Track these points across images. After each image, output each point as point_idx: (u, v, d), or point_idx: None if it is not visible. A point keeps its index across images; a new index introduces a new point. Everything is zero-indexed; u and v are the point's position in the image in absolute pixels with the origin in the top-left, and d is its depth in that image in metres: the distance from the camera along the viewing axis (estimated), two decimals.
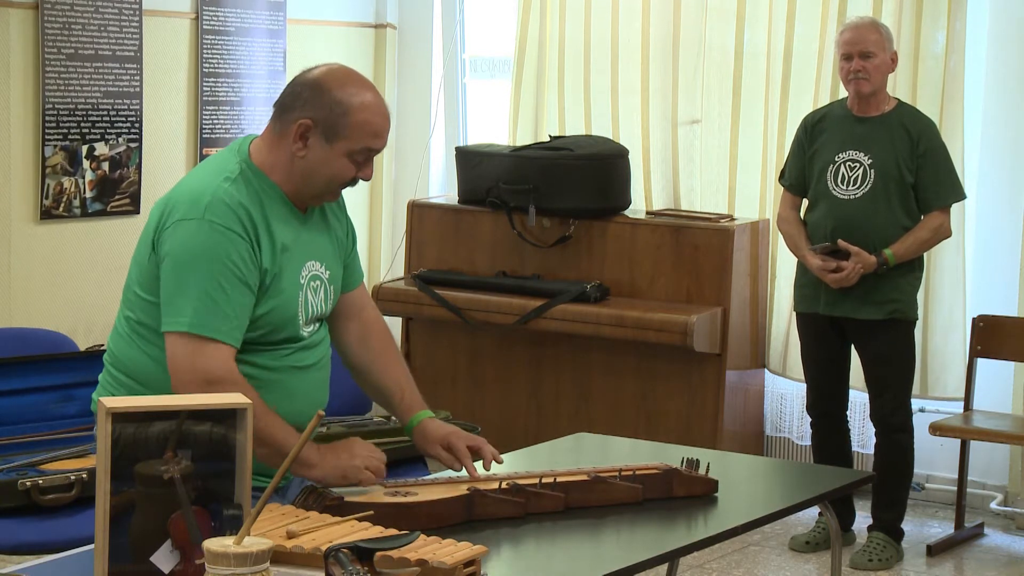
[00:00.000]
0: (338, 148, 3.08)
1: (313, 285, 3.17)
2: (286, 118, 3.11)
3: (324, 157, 3.08)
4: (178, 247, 2.99)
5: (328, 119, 3.06)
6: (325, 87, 3.08)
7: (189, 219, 3.00)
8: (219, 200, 3.01)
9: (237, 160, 3.12)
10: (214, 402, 2.59)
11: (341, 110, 3.06)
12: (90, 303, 6.01)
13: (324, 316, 3.24)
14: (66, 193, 5.89)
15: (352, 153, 3.09)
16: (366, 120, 3.08)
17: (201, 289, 2.96)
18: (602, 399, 6.39)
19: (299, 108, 3.09)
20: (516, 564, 2.93)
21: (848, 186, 5.41)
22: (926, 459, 6.08)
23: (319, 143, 3.08)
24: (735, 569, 5.48)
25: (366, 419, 5.05)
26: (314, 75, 3.12)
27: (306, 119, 3.07)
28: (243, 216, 3.02)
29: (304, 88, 3.10)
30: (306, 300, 3.15)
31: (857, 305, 5.41)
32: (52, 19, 5.77)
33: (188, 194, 3.05)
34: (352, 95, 3.07)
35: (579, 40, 6.80)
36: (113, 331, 3.18)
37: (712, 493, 3.35)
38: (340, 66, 3.17)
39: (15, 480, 4.21)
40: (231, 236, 2.99)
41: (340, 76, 3.11)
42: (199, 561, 2.45)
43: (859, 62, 5.35)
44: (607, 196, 6.40)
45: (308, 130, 3.08)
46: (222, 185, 3.04)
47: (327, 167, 3.09)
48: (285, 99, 3.14)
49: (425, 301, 6.56)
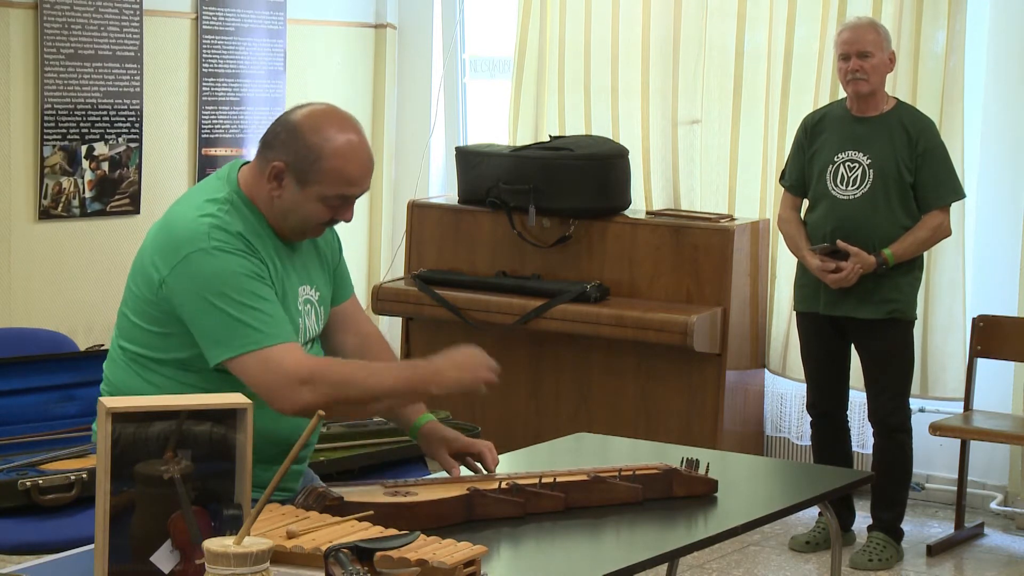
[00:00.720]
0: (310, 193, 3.05)
1: (306, 309, 3.17)
2: (264, 156, 3.09)
3: (297, 200, 3.06)
4: (198, 283, 2.96)
5: (301, 163, 3.03)
6: (300, 131, 3.04)
7: (196, 251, 2.97)
8: (217, 227, 3.00)
9: (227, 190, 3.09)
10: (214, 402, 2.59)
11: (314, 155, 3.02)
12: (90, 303, 6.01)
13: (316, 337, 3.25)
14: (65, 193, 5.89)
15: (325, 198, 3.06)
16: (339, 168, 3.04)
17: (243, 307, 2.95)
18: (602, 399, 6.39)
19: (276, 148, 3.06)
20: (516, 564, 2.93)
21: (847, 186, 5.41)
22: (926, 459, 6.08)
23: (292, 186, 3.05)
24: (735, 569, 5.48)
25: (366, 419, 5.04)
26: (295, 117, 3.08)
27: (279, 161, 3.04)
28: (243, 242, 3.02)
29: (283, 129, 3.07)
30: (304, 326, 3.16)
31: (857, 305, 5.42)
32: (52, 19, 5.77)
33: (184, 228, 3.01)
34: (326, 140, 3.03)
35: (579, 40, 6.80)
36: (109, 360, 3.16)
37: (712, 493, 3.35)
38: (325, 108, 3.11)
39: (15, 480, 4.21)
40: (242, 254, 3.00)
41: (318, 119, 3.06)
42: (199, 561, 2.45)
43: (856, 62, 5.35)
44: (607, 196, 6.40)
45: (281, 172, 3.05)
46: (216, 214, 3.02)
47: (299, 210, 3.07)
48: (268, 137, 3.10)
49: (425, 301, 6.56)
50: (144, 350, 3.07)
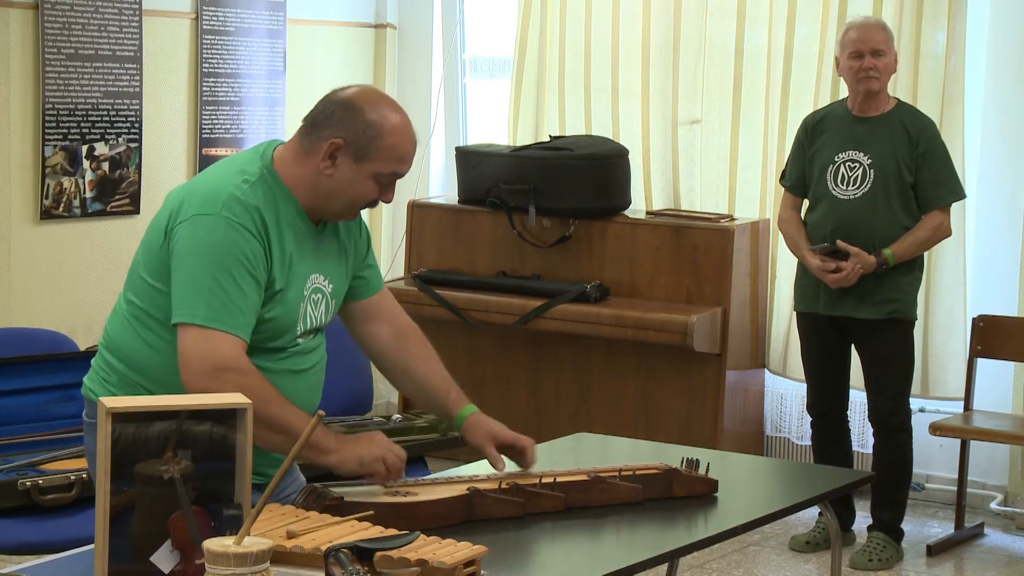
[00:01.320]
0: (366, 169, 3.08)
1: (315, 298, 3.17)
2: (316, 135, 3.09)
3: (350, 177, 3.08)
4: (193, 241, 2.99)
5: (359, 140, 3.06)
6: (359, 107, 3.07)
7: (205, 214, 3.00)
8: (236, 199, 3.01)
9: (259, 164, 3.11)
10: (214, 402, 2.59)
11: (374, 132, 3.06)
12: (90, 303, 6.01)
13: (322, 328, 3.25)
14: (66, 193, 5.89)
15: (379, 175, 3.09)
16: (397, 143, 3.08)
17: (215, 283, 2.97)
18: (602, 399, 6.39)
19: (331, 126, 3.08)
20: (516, 564, 2.92)
21: (848, 186, 5.41)
22: (926, 459, 6.08)
23: (347, 163, 3.07)
24: (735, 569, 5.48)
25: (366, 419, 5.05)
26: (348, 94, 3.11)
27: (338, 138, 3.06)
28: (257, 218, 3.02)
29: (337, 107, 3.09)
30: (306, 312, 3.15)
31: (857, 305, 5.41)
32: (52, 19, 5.77)
33: (206, 190, 3.05)
34: (385, 117, 3.08)
35: (579, 40, 6.80)
36: (112, 314, 3.18)
37: (712, 493, 3.35)
38: (373, 88, 3.19)
39: (15, 480, 4.21)
40: (245, 234, 3.00)
41: (374, 97, 3.12)
42: (199, 561, 2.45)
43: (871, 60, 5.34)
44: (607, 196, 6.40)
45: (338, 149, 3.07)
46: (240, 185, 3.04)
47: (352, 187, 3.09)
48: (317, 116, 3.12)
49: (425, 301, 6.56)
50: (146, 305, 3.08)
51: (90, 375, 3.21)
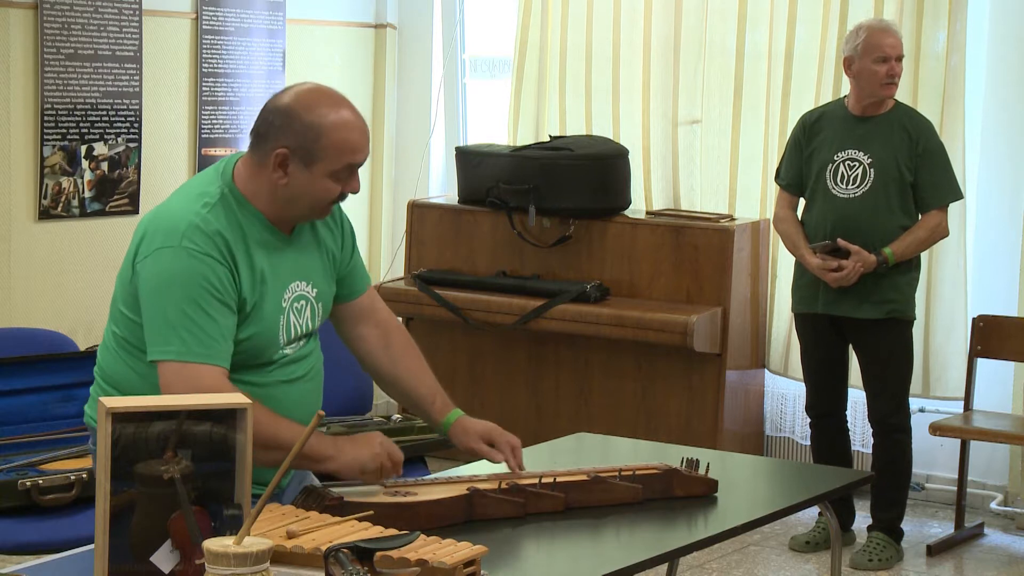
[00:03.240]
0: (318, 171, 3.03)
1: (297, 306, 3.14)
2: (262, 148, 3.06)
3: (305, 182, 3.04)
4: (158, 275, 2.97)
5: (303, 145, 3.01)
6: (295, 112, 3.02)
7: (167, 247, 2.97)
8: (195, 227, 2.98)
9: (219, 184, 3.07)
10: (214, 402, 2.59)
11: (314, 134, 3.01)
12: (90, 303, 6.01)
13: (311, 333, 3.22)
14: (65, 193, 5.89)
15: (334, 173, 3.05)
16: (341, 139, 3.03)
17: (184, 315, 2.94)
18: (602, 399, 6.39)
19: (274, 137, 3.03)
20: (516, 564, 2.92)
21: (847, 185, 5.41)
22: (926, 459, 6.08)
23: (299, 169, 3.03)
24: (735, 569, 5.48)
25: (366, 419, 5.05)
26: (284, 101, 3.06)
27: (282, 148, 3.02)
28: (220, 242, 2.99)
29: (276, 115, 3.05)
30: (287, 323, 3.12)
31: (856, 304, 5.41)
32: (52, 19, 5.77)
33: (166, 222, 3.02)
34: (323, 116, 3.02)
35: (580, 40, 6.80)
36: (102, 345, 3.18)
37: (712, 493, 3.35)
38: (310, 87, 3.11)
39: (15, 480, 4.21)
40: (209, 261, 2.97)
41: (309, 98, 3.05)
42: (199, 561, 2.45)
43: (897, 66, 5.35)
44: (607, 196, 6.40)
45: (286, 158, 3.03)
46: (200, 212, 3.01)
47: (310, 191, 3.05)
48: (259, 127, 3.08)
49: (425, 301, 6.56)
50: (128, 336, 3.08)
51: (90, 404, 3.20)
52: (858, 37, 5.41)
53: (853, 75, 5.43)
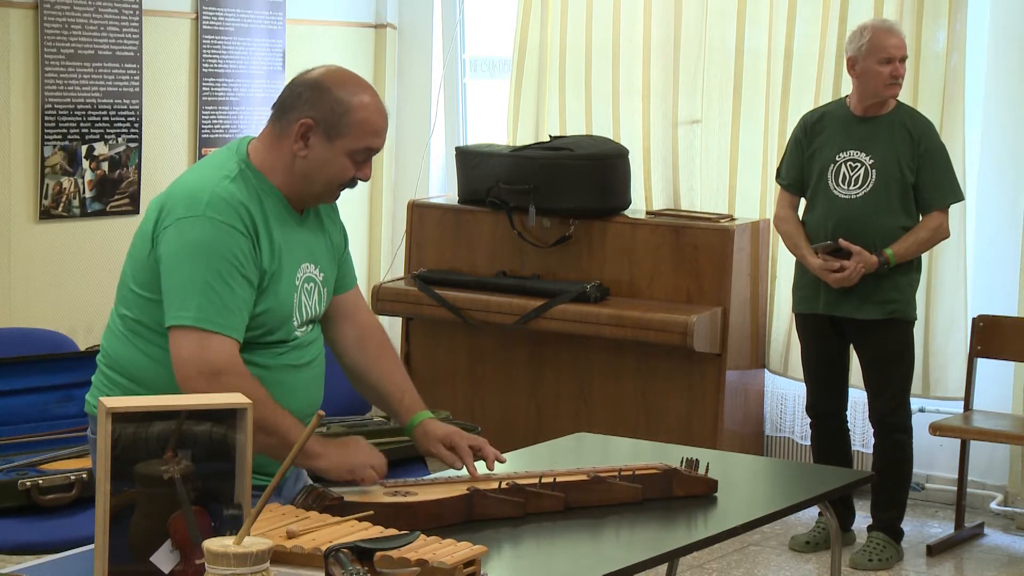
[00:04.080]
0: (339, 147, 3.08)
1: (307, 287, 3.17)
2: (287, 118, 3.12)
3: (325, 156, 3.09)
4: (180, 243, 2.99)
5: (329, 118, 3.07)
6: (325, 86, 3.09)
7: (190, 216, 3.00)
8: (219, 197, 3.02)
9: (236, 160, 3.12)
10: (214, 402, 2.59)
11: (342, 109, 3.07)
12: (90, 303, 6.01)
13: (317, 318, 3.25)
14: (65, 193, 5.89)
15: (353, 152, 3.09)
16: (366, 118, 3.09)
17: (205, 283, 2.96)
18: (602, 399, 6.39)
19: (300, 108, 3.10)
20: (516, 564, 2.92)
21: (849, 185, 5.41)
22: (926, 459, 6.08)
23: (320, 142, 3.08)
24: (735, 569, 5.48)
25: (366, 419, 5.05)
26: (314, 75, 3.13)
27: (307, 118, 3.08)
28: (243, 214, 3.03)
29: (304, 88, 3.11)
30: (300, 302, 3.15)
31: (856, 305, 5.41)
32: (52, 19, 5.77)
33: (187, 192, 3.05)
34: (352, 94, 3.09)
35: (580, 40, 6.80)
36: (107, 330, 3.18)
37: (712, 493, 3.35)
38: (338, 67, 3.19)
39: (15, 480, 4.21)
40: (232, 232, 3.00)
41: (340, 76, 3.13)
42: (199, 561, 2.45)
43: (901, 67, 5.35)
44: (607, 196, 6.40)
45: (309, 129, 3.08)
46: (222, 183, 3.05)
47: (328, 167, 3.10)
48: (285, 99, 3.15)
49: (425, 301, 6.56)
50: (140, 317, 3.08)
51: (92, 392, 3.20)
52: (862, 38, 5.39)
53: (856, 75, 5.42)
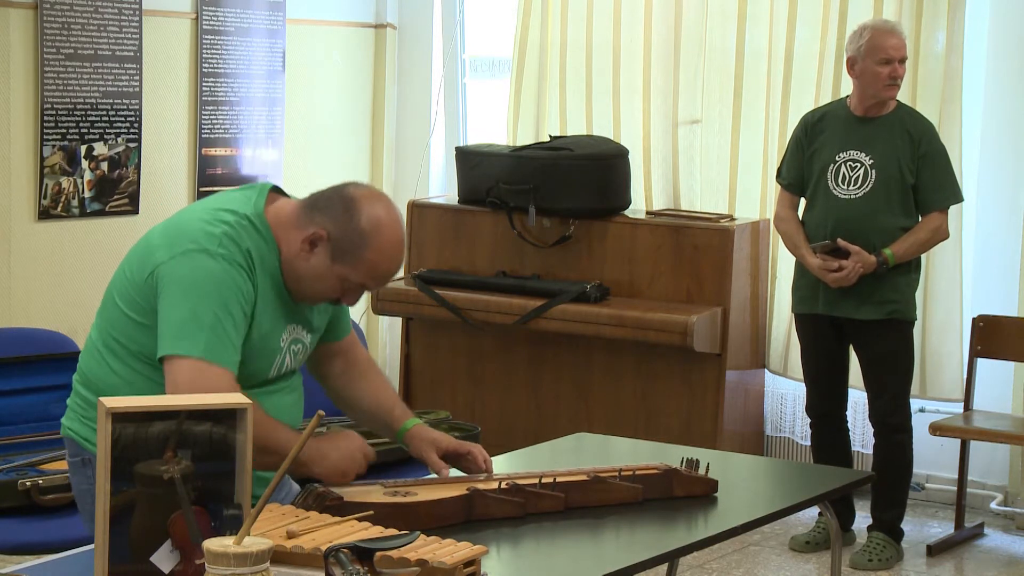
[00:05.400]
0: (337, 270, 3.06)
1: (294, 349, 3.19)
2: (310, 216, 3.07)
3: (320, 271, 3.07)
4: (191, 275, 2.99)
5: (344, 241, 3.04)
6: (359, 210, 3.04)
7: (202, 250, 2.99)
8: (229, 236, 3.02)
9: (251, 210, 3.09)
10: (214, 402, 2.59)
11: (361, 241, 3.03)
12: (90, 303, 5.98)
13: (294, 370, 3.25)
14: (65, 193, 5.89)
15: (347, 281, 3.08)
16: (379, 262, 3.06)
17: (215, 317, 2.96)
18: (602, 399, 6.39)
19: (325, 215, 3.06)
20: (516, 564, 2.92)
21: (848, 186, 5.41)
22: (926, 459, 6.08)
23: (323, 257, 3.05)
24: (735, 569, 5.48)
25: None
26: (357, 192, 3.07)
27: (323, 230, 3.05)
28: (248, 258, 3.03)
29: (340, 199, 3.06)
30: (282, 360, 3.17)
31: (855, 305, 5.41)
32: (51, 19, 5.77)
33: (199, 226, 3.04)
34: (378, 231, 3.04)
35: (580, 40, 6.80)
36: (85, 349, 3.17)
37: (712, 493, 3.35)
38: (383, 196, 3.12)
39: (15, 480, 4.21)
40: (240, 271, 3.01)
41: (376, 207, 3.06)
42: (199, 561, 2.45)
43: (900, 68, 5.35)
44: (607, 196, 6.40)
45: (320, 240, 3.05)
46: (234, 224, 3.04)
47: (318, 281, 3.08)
48: (319, 199, 3.09)
49: (425, 301, 6.56)
50: (121, 337, 3.08)
51: (68, 415, 3.19)
52: (862, 38, 5.40)
53: (856, 76, 5.42)
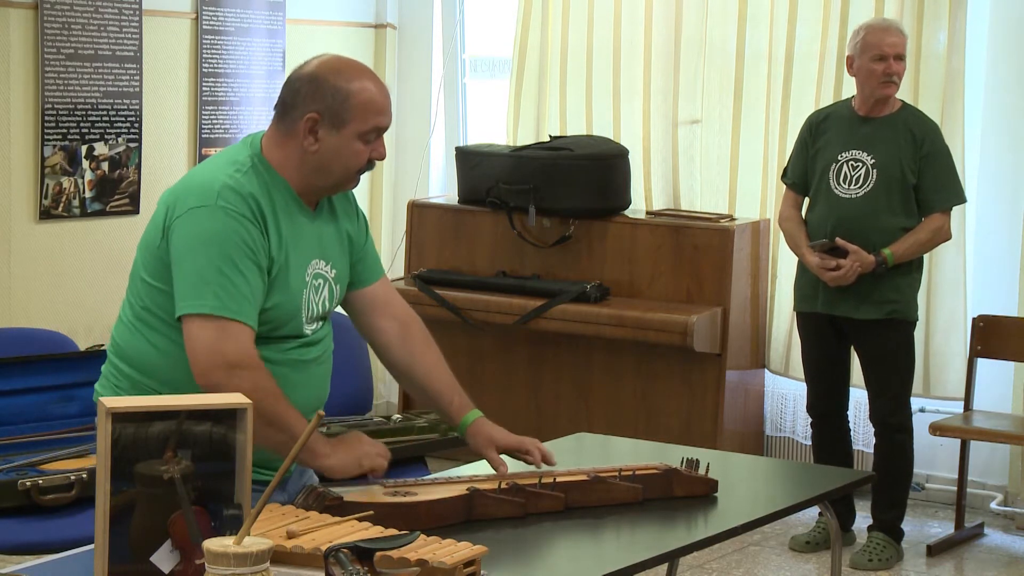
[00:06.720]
0: (348, 133, 3.10)
1: (316, 284, 3.18)
2: (290, 116, 3.13)
3: (336, 146, 3.11)
4: (193, 233, 3.01)
5: (332, 107, 3.09)
6: (323, 78, 3.11)
7: (202, 206, 3.02)
8: (230, 188, 3.04)
9: (248, 153, 3.14)
10: (214, 402, 2.59)
11: (343, 95, 3.09)
12: (90, 303, 6.01)
13: (327, 315, 3.25)
14: (65, 193, 5.89)
15: (363, 135, 3.11)
16: (368, 100, 3.11)
17: (220, 272, 2.98)
18: (602, 399, 6.39)
19: (302, 104, 3.11)
20: (516, 564, 2.92)
21: (850, 185, 5.41)
22: (926, 459, 6.08)
23: (329, 134, 3.10)
24: (735, 569, 5.48)
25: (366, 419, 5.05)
26: (310, 69, 3.15)
27: (312, 113, 3.10)
28: (253, 205, 3.05)
29: (302, 83, 3.13)
30: (308, 298, 3.16)
31: (854, 304, 5.41)
32: (52, 19, 5.77)
33: (199, 183, 3.08)
34: (349, 80, 3.11)
35: (580, 40, 6.80)
36: (118, 321, 3.19)
37: (712, 493, 3.35)
38: (332, 56, 3.21)
39: (15, 480, 4.21)
40: (244, 221, 3.02)
41: (335, 65, 3.15)
42: (199, 561, 2.45)
43: (895, 65, 5.35)
44: (607, 196, 6.40)
45: (316, 123, 3.10)
46: (233, 175, 3.07)
47: (341, 155, 3.12)
48: (285, 98, 3.16)
49: (425, 301, 6.55)
50: (150, 306, 3.10)
51: (101, 382, 3.21)
52: (858, 36, 5.43)
53: (854, 74, 5.44)
